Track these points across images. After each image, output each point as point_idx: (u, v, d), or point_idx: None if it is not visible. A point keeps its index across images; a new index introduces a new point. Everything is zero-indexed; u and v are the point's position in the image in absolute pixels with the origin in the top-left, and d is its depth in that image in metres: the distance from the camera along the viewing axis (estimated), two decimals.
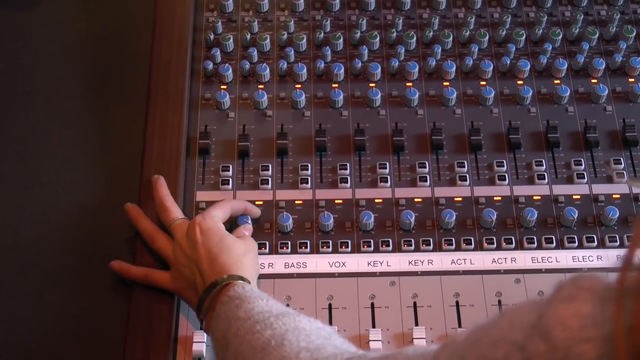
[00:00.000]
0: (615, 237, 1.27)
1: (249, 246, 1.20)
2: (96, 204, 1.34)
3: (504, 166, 1.33)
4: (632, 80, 1.42)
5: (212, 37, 1.45)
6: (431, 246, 1.27)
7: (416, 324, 1.19)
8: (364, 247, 1.27)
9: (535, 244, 1.26)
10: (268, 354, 0.96)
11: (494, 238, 1.27)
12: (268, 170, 1.33)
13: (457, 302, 1.22)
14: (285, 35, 1.45)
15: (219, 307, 1.08)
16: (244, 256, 1.16)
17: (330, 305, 1.22)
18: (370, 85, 1.41)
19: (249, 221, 1.27)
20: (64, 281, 1.28)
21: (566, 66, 1.42)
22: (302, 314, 1.04)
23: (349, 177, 1.32)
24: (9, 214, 1.33)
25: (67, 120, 1.43)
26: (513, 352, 0.71)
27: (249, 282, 1.12)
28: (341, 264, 1.25)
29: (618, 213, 1.27)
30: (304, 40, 1.45)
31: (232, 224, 1.27)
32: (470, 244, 1.26)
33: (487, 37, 1.45)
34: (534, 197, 1.31)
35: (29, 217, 1.33)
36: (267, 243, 1.26)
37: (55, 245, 1.31)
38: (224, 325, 1.05)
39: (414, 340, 1.16)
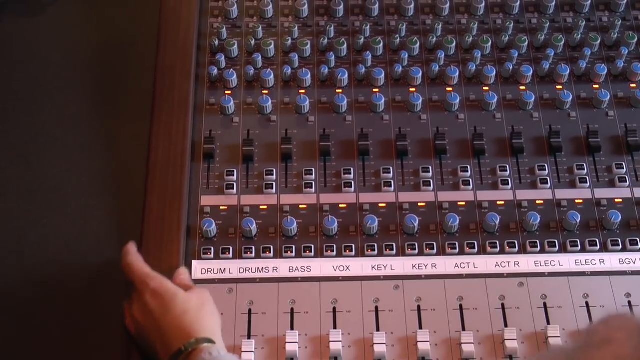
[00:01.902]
0: (618, 240, 1.26)
1: (202, 297, 1.15)
2: (101, 209, 1.33)
3: (507, 171, 1.32)
4: (634, 85, 1.41)
5: (216, 42, 1.44)
6: (435, 250, 1.26)
7: (420, 327, 1.18)
8: (368, 251, 1.26)
9: (539, 248, 1.25)
10: None
11: (497, 242, 1.26)
12: (272, 175, 1.32)
13: (460, 306, 1.21)
14: (290, 41, 1.45)
15: None
16: (200, 312, 1.13)
17: (334, 309, 1.21)
18: (374, 90, 1.40)
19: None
20: (69, 285, 1.27)
21: (568, 72, 1.41)
22: None
23: (353, 182, 1.31)
24: (15, 218, 1.33)
25: (72, 125, 1.42)
26: None
27: (214, 343, 1.09)
28: (345, 268, 1.24)
29: (620, 217, 1.26)
30: (308, 46, 1.44)
31: None
32: (474, 247, 1.26)
33: (490, 43, 1.44)
34: (537, 202, 1.30)
35: (34, 221, 1.32)
36: (272, 247, 1.25)
37: (59, 249, 1.30)
38: None
39: (418, 344, 1.15)
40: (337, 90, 1.40)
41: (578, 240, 1.26)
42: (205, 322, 1.11)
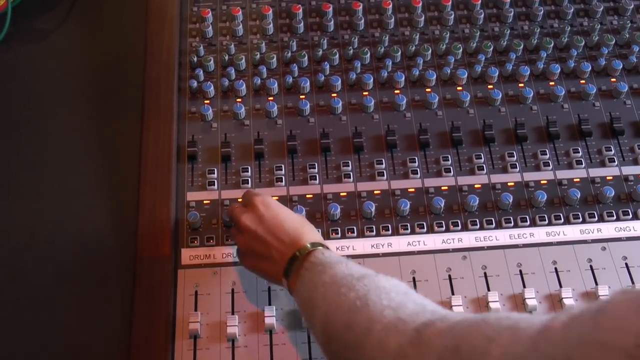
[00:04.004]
0: (545, 217, 1.24)
1: (300, 215, 1.16)
2: (101, 206, 1.31)
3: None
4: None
5: (195, 59, 1.41)
6: (390, 231, 1.23)
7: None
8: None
9: (478, 225, 1.23)
10: (355, 314, 0.90)
11: (443, 222, 1.23)
12: (248, 172, 1.29)
13: (413, 278, 1.18)
14: (258, 55, 1.41)
15: (303, 272, 1.01)
16: (307, 223, 1.10)
17: None
18: (333, 95, 1.37)
19: None
20: (76, 274, 1.25)
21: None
22: (380, 274, 0.97)
23: (317, 175, 1.28)
24: (26, 217, 1.31)
25: (73, 135, 1.40)
26: None
27: (328, 247, 1.06)
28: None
29: (546, 196, 1.25)
30: (274, 59, 1.40)
31: None
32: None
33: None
34: (476, 185, 1.27)
35: (43, 219, 1.30)
36: None
37: (66, 243, 1.28)
38: (310, 289, 0.99)
39: None
40: (301, 97, 1.37)
41: (511, 217, 1.24)
42: (313, 231, 1.10)
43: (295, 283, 1.02)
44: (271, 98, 1.37)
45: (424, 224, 1.23)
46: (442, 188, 1.27)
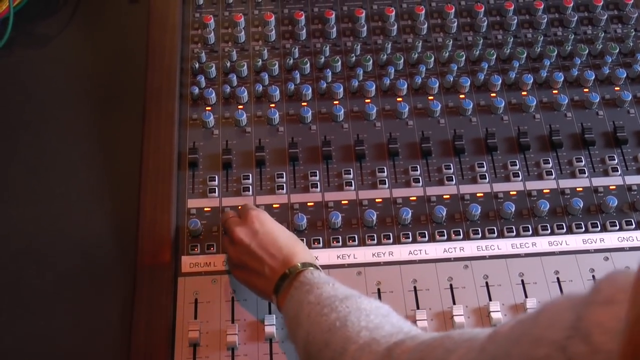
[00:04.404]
0: (547, 226, 1.23)
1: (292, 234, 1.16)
2: (101, 213, 1.30)
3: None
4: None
5: (197, 65, 1.41)
6: (391, 240, 1.22)
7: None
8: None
9: (480, 234, 1.23)
10: (334, 334, 0.94)
11: (445, 231, 1.23)
12: (249, 179, 1.28)
13: (415, 287, 1.18)
14: (260, 62, 1.40)
15: (292, 291, 1.04)
16: (299, 242, 1.13)
17: None
18: (335, 102, 1.36)
19: None
20: (76, 280, 1.24)
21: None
22: (364, 296, 1.00)
23: (318, 183, 1.28)
24: (26, 223, 1.30)
25: (74, 140, 1.39)
26: (555, 352, 0.63)
27: (318, 267, 1.09)
28: (315, 259, 1.20)
29: (548, 205, 1.24)
30: (276, 66, 1.40)
31: None
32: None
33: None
34: (478, 194, 1.26)
35: (44, 224, 1.30)
36: None
37: (67, 249, 1.27)
38: (296, 307, 1.02)
39: None
40: (303, 104, 1.36)
41: (513, 227, 1.23)
42: (305, 250, 1.12)
43: (284, 301, 1.05)
44: (273, 105, 1.36)
45: (426, 232, 1.23)
46: (444, 197, 1.26)
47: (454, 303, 1.16)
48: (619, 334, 0.58)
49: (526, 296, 1.16)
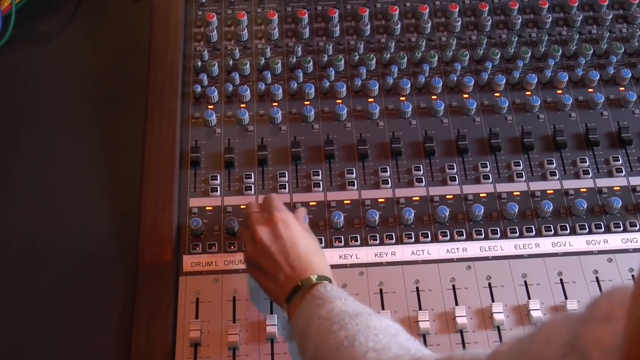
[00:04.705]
0: (550, 227, 1.23)
1: (316, 240, 1.13)
2: (103, 211, 1.30)
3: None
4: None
5: (199, 64, 1.40)
6: (393, 240, 1.22)
7: (382, 308, 1.15)
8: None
9: (483, 235, 1.22)
10: (340, 354, 0.93)
11: (448, 231, 1.22)
12: (251, 178, 1.28)
13: (417, 288, 1.17)
14: (263, 61, 1.40)
15: (304, 303, 1.02)
16: (319, 252, 1.10)
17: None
18: (338, 101, 1.36)
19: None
20: (77, 279, 1.24)
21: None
22: (374, 313, 0.99)
23: (321, 182, 1.27)
24: (27, 222, 1.30)
25: (75, 139, 1.39)
26: None
27: (331, 281, 1.06)
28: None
29: (552, 206, 1.24)
30: (279, 64, 1.39)
31: None
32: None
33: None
34: (481, 194, 1.26)
35: (45, 223, 1.29)
36: None
37: (68, 248, 1.27)
38: (305, 321, 1.00)
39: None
40: (305, 103, 1.36)
41: (516, 227, 1.23)
42: (324, 262, 1.10)
43: (294, 312, 1.04)
44: (275, 104, 1.36)
45: (428, 233, 1.22)
46: (447, 197, 1.26)
47: (457, 304, 1.16)
48: (616, 351, 0.58)
49: (529, 297, 1.16)
